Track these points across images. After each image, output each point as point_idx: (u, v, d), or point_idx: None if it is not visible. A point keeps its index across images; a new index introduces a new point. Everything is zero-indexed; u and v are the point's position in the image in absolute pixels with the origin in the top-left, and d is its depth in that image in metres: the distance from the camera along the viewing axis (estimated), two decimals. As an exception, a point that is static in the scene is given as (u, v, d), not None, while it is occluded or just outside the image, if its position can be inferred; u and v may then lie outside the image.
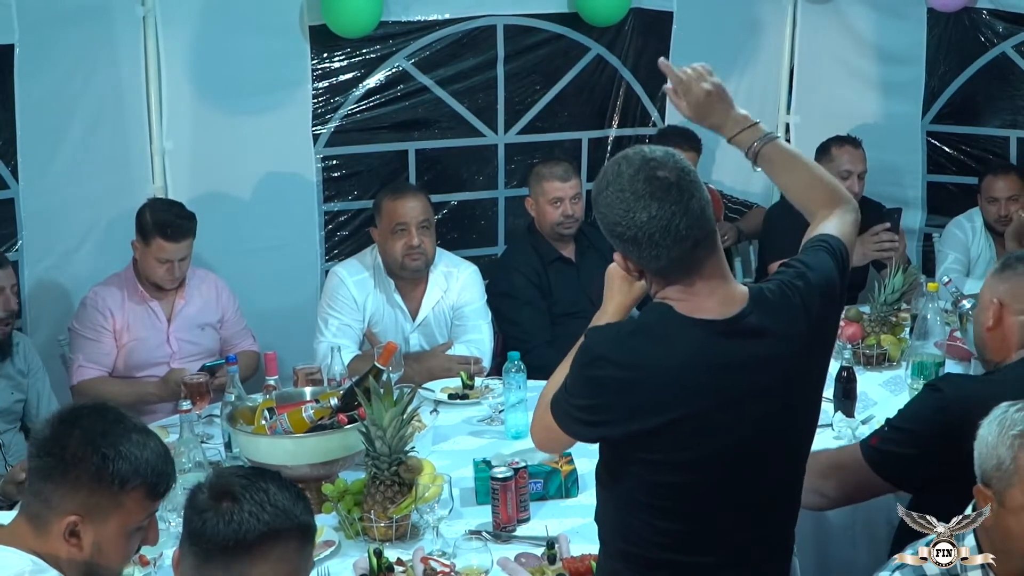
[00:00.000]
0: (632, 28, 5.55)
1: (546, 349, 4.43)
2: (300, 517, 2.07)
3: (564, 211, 4.64)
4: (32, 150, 4.51)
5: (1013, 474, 2.15)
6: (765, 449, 2.35)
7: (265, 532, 2.01)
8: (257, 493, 2.03)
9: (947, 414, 2.70)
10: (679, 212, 2.20)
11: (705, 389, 2.25)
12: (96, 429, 2.20)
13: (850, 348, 4.16)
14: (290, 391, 3.57)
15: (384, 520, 3.00)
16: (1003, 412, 2.23)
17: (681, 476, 2.30)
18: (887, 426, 2.90)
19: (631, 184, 2.21)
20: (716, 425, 2.27)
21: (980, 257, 5.02)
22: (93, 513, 2.17)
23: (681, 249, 2.21)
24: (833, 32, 5.84)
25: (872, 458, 2.80)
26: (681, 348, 2.25)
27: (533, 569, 2.83)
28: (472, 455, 3.47)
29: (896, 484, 2.83)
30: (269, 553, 2.02)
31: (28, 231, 4.55)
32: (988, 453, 2.21)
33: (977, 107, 5.61)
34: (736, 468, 2.32)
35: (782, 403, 2.33)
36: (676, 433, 2.25)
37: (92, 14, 4.59)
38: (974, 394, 2.56)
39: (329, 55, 5.07)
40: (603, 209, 2.26)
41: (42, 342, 4.44)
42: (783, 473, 2.45)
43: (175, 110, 4.83)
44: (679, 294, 2.28)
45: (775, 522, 2.49)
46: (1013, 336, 2.88)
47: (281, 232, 5.14)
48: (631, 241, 2.23)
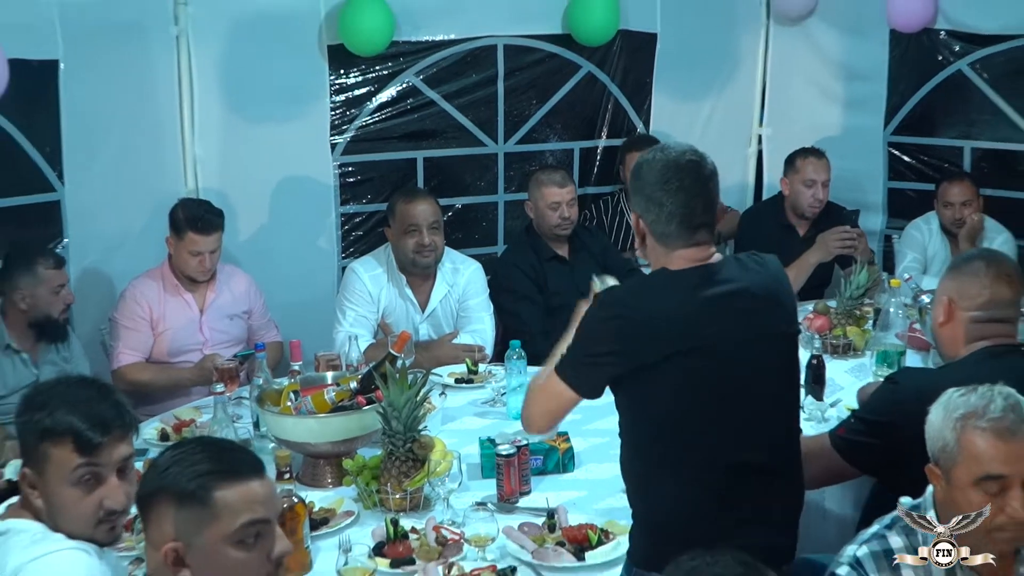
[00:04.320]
0: (620, 48, 5.56)
1: (542, 339, 4.42)
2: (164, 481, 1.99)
3: (561, 214, 4.65)
4: (76, 156, 4.52)
5: (957, 454, 2.17)
6: (769, 396, 2.54)
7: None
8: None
9: (904, 404, 2.70)
10: (701, 196, 2.50)
11: (702, 322, 2.45)
12: (35, 398, 2.26)
13: (819, 338, 4.18)
14: (313, 375, 3.57)
15: (399, 492, 3.02)
16: (948, 397, 2.25)
17: (694, 408, 2.46)
18: (853, 417, 2.92)
19: (678, 168, 2.49)
20: (713, 362, 2.45)
21: (936, 256, 5.03)
22: (32, 465, 2.22)
23: (689, 228, 2.50)
24: (802, 52, 5.84)
25: (840, 447, 2.83)
26: (677, 294, 2.48)
27: (535, 537, 2.84)
28: (478, 434, 3.49)
29: (862, 469, 2.85)
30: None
31: (73, 229, 4.56)
32: (936, 435, 2.23)
33: (934, 120, 5.60)
34: (745, 409, 2.49)
35: (766, 354, 2.53)
36: (685, 363, 2.43)
37: (130, 33, 4.60)
38: (928, 385, 2.53)
39: (345, 72, 5.08)
40: (646, 177, 2.52)
41: (86, 331, 4.45)
42: (782, 432, 2.60)
43: (205, 120, 4.84)
44: (673, 259, 2.53)
45: (773, 480, 2.56)
46: (962, 331, 2.89)
47: (302, 232, 5.16)
48: (658, 205, 2.49)
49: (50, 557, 2.15)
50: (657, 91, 5.72)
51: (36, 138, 4.45)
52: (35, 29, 4.29)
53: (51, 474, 2.19)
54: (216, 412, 3.47)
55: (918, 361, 3.95)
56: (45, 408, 2.21)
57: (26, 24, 4.25)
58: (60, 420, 2.19)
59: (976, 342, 2.87)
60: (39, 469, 2.21)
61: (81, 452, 2.18)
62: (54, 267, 3.97)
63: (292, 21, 4.89)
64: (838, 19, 5.69)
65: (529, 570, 2.73)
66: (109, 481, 2.22)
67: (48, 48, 4.34)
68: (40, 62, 4.34)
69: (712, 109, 5.89)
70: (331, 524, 2.97)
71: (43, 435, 2.19)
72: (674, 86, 5.74)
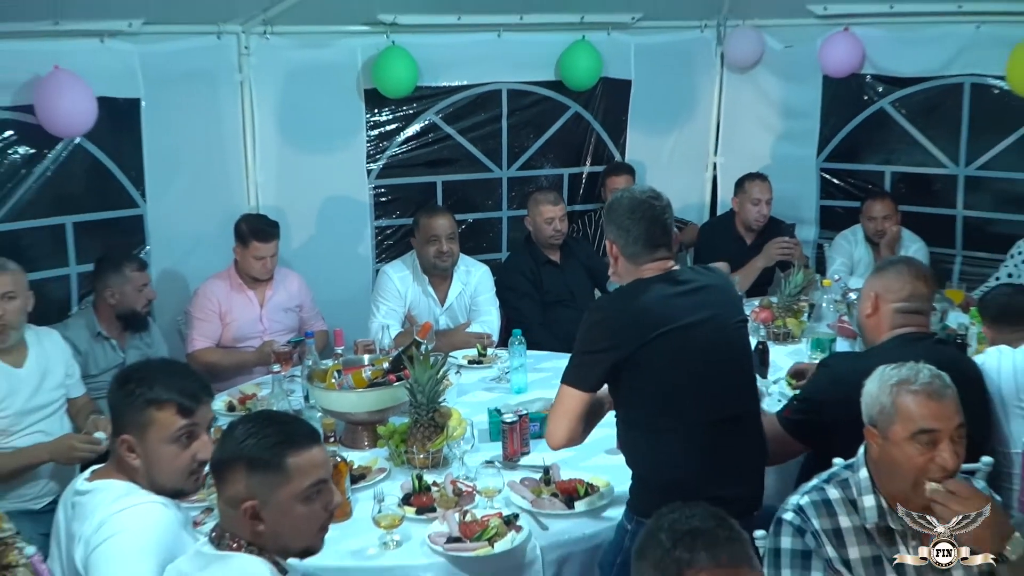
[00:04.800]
0: (601, 92, 5.54)
1: (539, 328, 4.44)
2: (243, 451, 1.97)
3: (555, 227, 4.63)
4: (156, 179, 4.51)
5: (894, 414, 2.15)
6: (729, 364, 2.59)
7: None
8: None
9: (836, 384, 2.70)
10: (657, 228, 2.61)
11: (670, 312, 2.51)
12: (135, 376, 2.27)
13: (764, 328, 4.19)
14: (352, 358, 3.57)
15: (423, 453, 3.02)
16: (881, 371, 2.23)
17: (675, 379, 2.50)
18: (795, 400, 2.90)
19: (639, 203, 2.61)
20: (688, 338, 2.50)
21: (861, 261, 5.00)
22: (132, 431, 2.22)
23: (651, 246, 2.61)
24: (749, 95, 5.82)
25: (788, 427, 2.80)
26: (651, 293, 2.55)
27: (533, 489, 2.85)
28: (486, 405, 3.48)
29: (808, 444, 2.80)
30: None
31: (153, 239, 4.55)
32: (872, 402, 2.21)
33: (859, 149, 5.58)
34: (712, 376, 2.53)
35: (726, 332, 2.61)
36: (663, 344, 2.48)
37: (202, 78, 4.59)
38: (855, 367, 2.52)
39: (378, 111, 5.07)
40: (617, 210, 2.63)
41: (164, 322, 4.43)
42: (745, 395, 2.64)
43: (264, 150, 4.83)
44: (641, 271, 2.61)
45: (744, 434, 2.61)
46: (885, 321, 2.88)
47: (343, 241, 5.13)
48: (625, 232, 2.60)
49: (133, 508, 2.15)
50: (631, 127, 5.71)
51: (122, 163, 4.44)
52: (120, 73, 4.28)
53: (153, 436, 2.22)
54: (274, 388, 3.48)
55: (845, 346, 3.93)
56: (147, 383, 2.23)
57: (112, 68, 4.24)
58: (163, 392, 2.22)
59: (896, 330, 2.86)
60: (140, 434, 2.22)
61: (182, 415, 2.22)
62: (138, 269, 3.95)
63: (335, 70, 4.88)
64: (779, 68, 5.66)
65: (529, 516, 2.73)
66: (201, 437, 2.26)
67: (131, 88, 4.33)
68: (124, 100, 4.33)
69: (675, 141, 5.88)
70: (367, 479, 2.97)
71: (148, 403, 2.21)
72: (645, 123, 5.72)
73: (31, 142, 4.13)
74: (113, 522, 2.11)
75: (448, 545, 2.56)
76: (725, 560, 1.62)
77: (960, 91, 5.11)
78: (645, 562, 1.70)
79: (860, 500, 2.19)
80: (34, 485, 3.32)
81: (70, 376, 3.55)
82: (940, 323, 3.90)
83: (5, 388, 3.27)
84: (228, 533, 1.97)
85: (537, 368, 3.94)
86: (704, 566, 1.61)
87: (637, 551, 1.74)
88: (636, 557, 1.74)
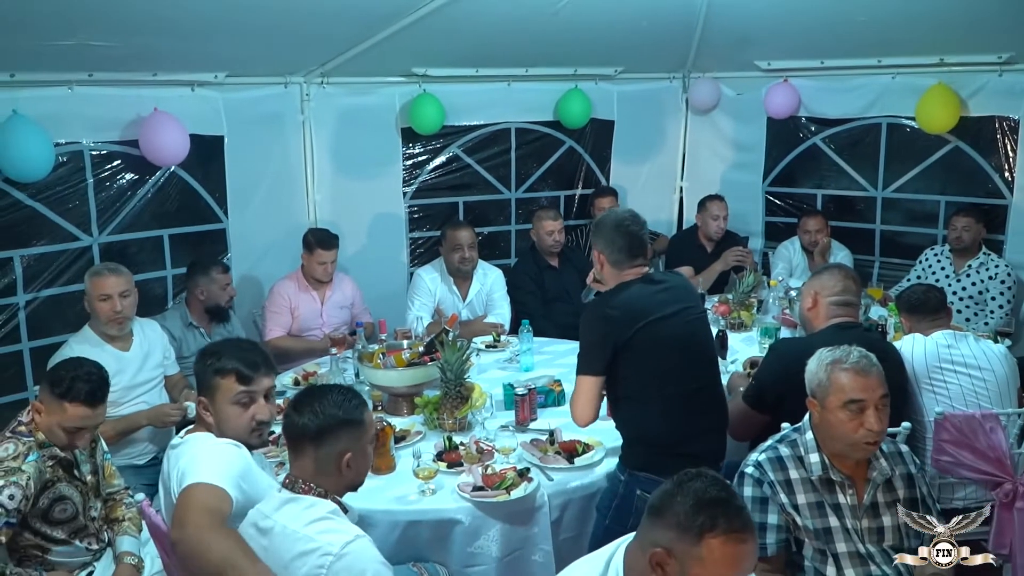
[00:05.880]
0: (591, 130, 5.51)
1: (541, 320, 4.42)
2: (342, 415, 1.97)
3: (554, 238, 4.62)
4: (236, 199, 4.49)
5: (829, 387, 2.15)
6: (697, 347, 2.60)
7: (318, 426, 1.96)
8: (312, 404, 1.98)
9: (783, 362, 2.70)
10: (636, 241, 2.63)
11: (650, 306, 2.54)
12: (209, 350, 2.29)
13: (723, 319, 4.17)
14: (394, 343, 3.57)
15: (452, 419, 3.02)
16: (819, 353, 2.24)
17: (656, 359, 2.50)
18: (753, 379, 2.90)
19: (621, 222, 2.64)
20: (665, 327, 2.52)
21: (798, 266, 4.99)
22: (206, 394, 2.24)
23: (631, 256, 2.63)
24: (709, 132, 5.78)
25: (749, 401, 2.80)
26: (634, 291, 2.58)
27: (541, 448, 2.84)
28: (502, 380, 3.47)
29: (765, 413, 2.77)
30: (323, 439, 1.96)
31: (234, 248, 4.53)
32: (812, 377, 2.21)
33: (796, 176, 5.55)
34: (684, 356, 2.55)
35: (692, 322, 2.61)
36: (647, 331, 2.50)
37: (272, 119, 4.57)
38: (798, 349, 2.54)
39: (412, 145, 5.03)
40: (604, 227, 2.65)
41: (243, 314, 4.41)
42: (710, 371, 2.65)
43: (321, 176, 4.79)
44: (624, 275, 2.61)
45: (710, 402, 2.62)
46: (823, 312, 2.88)
47: (385, 249, 5.09)
48: (611, 244, 2.62)
49: (215, 443, 2.19)
50: (615, 158, 5.68)
51: (209, 187, 4.42)
52: (207, 115, 4.26)
53: (219, 398, 2.22)
54: (331, 366, 3.49)
55: (788, 333, 3.91)
56: (215, 355, 2.25)
57: (201, 111, 4.23)
58: (226, 362, 2.23)
59: (832, 319, 2.85)
60: (211, 396, 2.23)
61: (241, 382, 2.22)
62: (222, 272, 3.95)
63: (377, 111, 4.85)
64: (732, 111, 5.63)
65: (537, 469, 2.73)
66: (259, 402, 2.25)
67: (216, 127, 4.32)
68: (211, 136, 4.32)
69: (649, 169, 5.85)
70: (407, 440, 2.97)
71: (216, 372, 2.22)
72: (625, 154, 5.69)
73: (135, 170, 4.12)
74: (197, 448, 2.16)
75: (474, 493, 2.56)
76: (739, 525, 1.58)
77: (878, 129, 5.09)
78: (663, 520, 1.61)
79: (807, 457, 2.19)
80: (137, 445, 3.33)
81: (167, 358, 3.55)
82: (864, 315, 3.89)
83: (115, 367, 3.26)
84: (300, 480, 1.97)
85: (541, 351, 3.93)
86: (723, 530, 1.57)
87: (654, 507, 1.63)
88: (652, 513, 1.63)
